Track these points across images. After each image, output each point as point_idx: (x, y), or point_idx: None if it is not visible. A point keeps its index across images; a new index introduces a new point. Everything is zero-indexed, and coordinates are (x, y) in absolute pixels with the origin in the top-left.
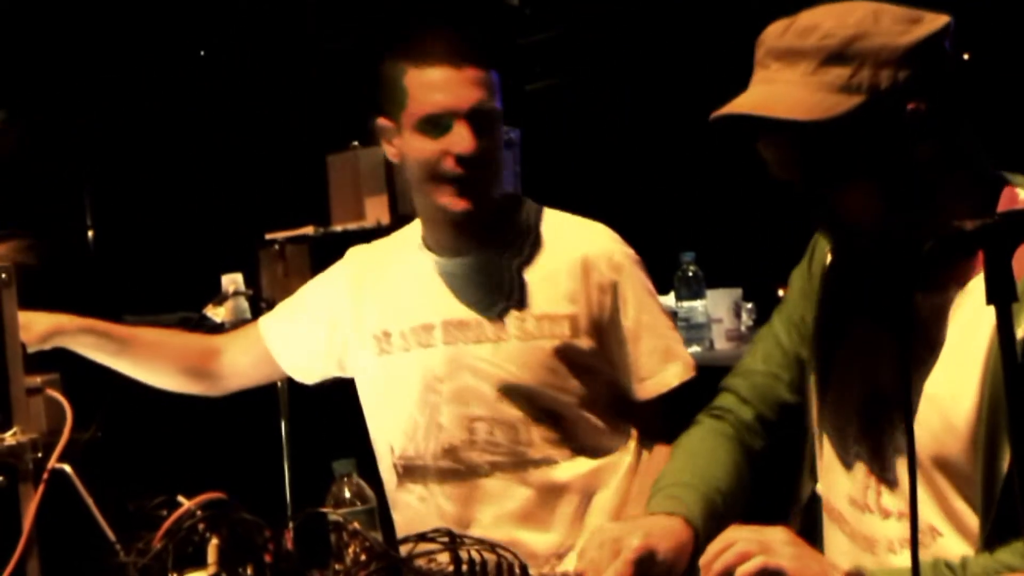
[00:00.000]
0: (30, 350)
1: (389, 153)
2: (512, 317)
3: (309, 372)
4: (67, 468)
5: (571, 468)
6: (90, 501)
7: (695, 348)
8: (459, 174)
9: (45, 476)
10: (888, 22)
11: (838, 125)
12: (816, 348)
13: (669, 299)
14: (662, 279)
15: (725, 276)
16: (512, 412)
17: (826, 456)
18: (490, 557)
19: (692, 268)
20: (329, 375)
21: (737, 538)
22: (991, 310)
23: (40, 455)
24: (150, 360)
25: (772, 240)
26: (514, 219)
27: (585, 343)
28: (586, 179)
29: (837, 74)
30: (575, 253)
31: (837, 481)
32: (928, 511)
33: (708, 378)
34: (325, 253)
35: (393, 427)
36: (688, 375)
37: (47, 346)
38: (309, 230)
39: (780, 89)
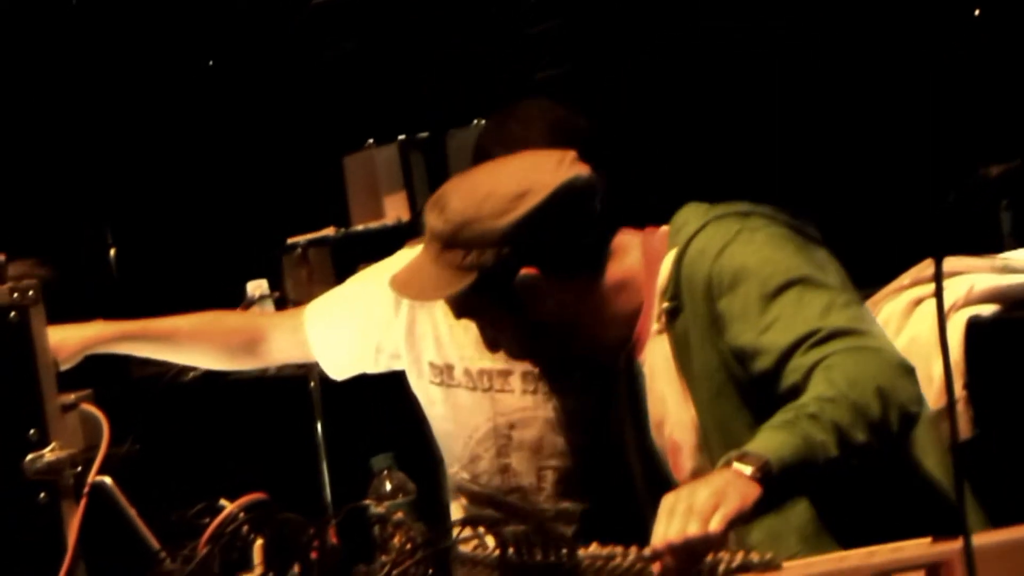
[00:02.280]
0: (63, 367)
1: None
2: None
3: (345, 371)
4: (107, 481)
5: None
6: (132, 512)
7: None
8: None
9: (86, 490)
10: (491, 206)
11: (466, 295)
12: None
13: None
14: None
15: None
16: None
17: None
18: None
19: None
20: (360, 371)
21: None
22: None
23: (79, 470)
24: (193, 350)
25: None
26: None
27: None
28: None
29: (455, 256)
30: None
31: None
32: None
33: None
34: (347, 253)
35: (451, 449)
36: None
37: (79, 360)
38: (330, 232)
39: (421, 268)
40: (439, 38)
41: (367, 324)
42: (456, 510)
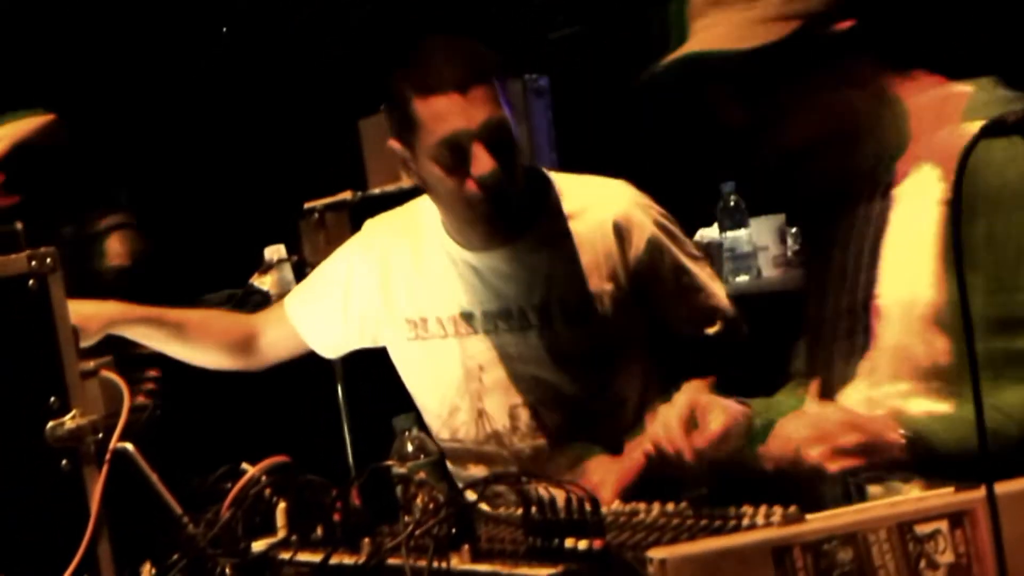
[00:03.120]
0: (84, 344)
1: (407, 177)
2: (554, 303)
3: (336, 349)
4: (129, 447)
5: (616, 424)
6: (154, 477)
7: (743, 277)
8: (482, 196)
9: (108, 457)
10: None
11: (773, 53)
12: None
13: (713, 231)
14: (704, 211)
15: (767, 203)
16: (554, 397)
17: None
18: (559, 494)
19: (733, 198)
20: (356, 347)
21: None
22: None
23: (101, 436)
24: (198, 343)
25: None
26: (541, 203)
27: (625, 317)
28: (618, 122)
29: (770, 3)
30: (605, 226)
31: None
32: (911, 398)
33: (757, 306)
34: (364, 217)
35: (430, 409)
36: (727, 319)
37: (101, 336)
38: (347, 195)
39: (719, 29)
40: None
41: (346, 296)
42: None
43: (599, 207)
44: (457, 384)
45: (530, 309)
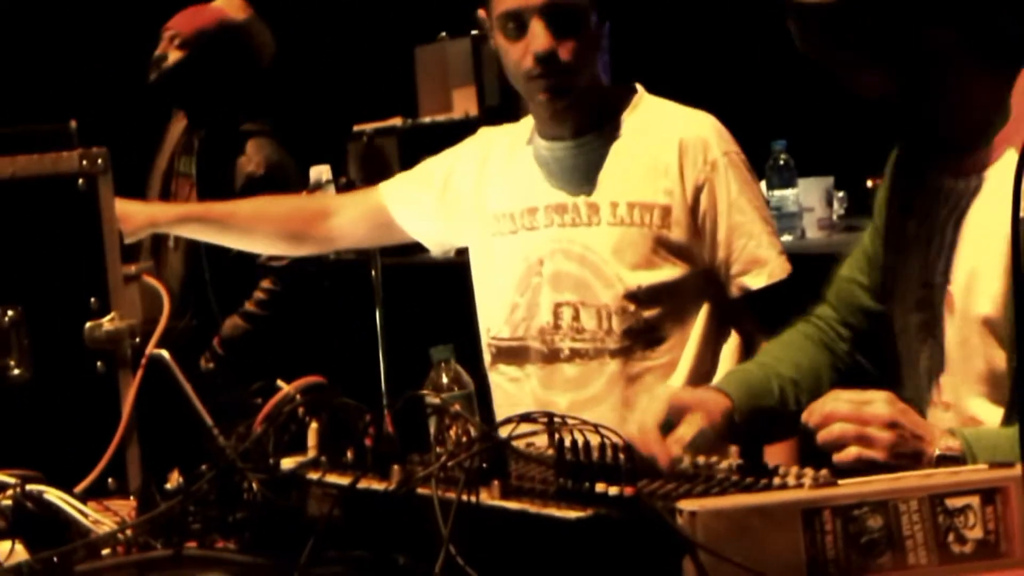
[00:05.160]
0: (127, 241)
1: (493, 46)
2: (607, 202)
3: (428, 236)
4: (165, 354)
5: (648, 360)
6: (188, 387)
7: (786, 237)
8: (540, 72)
9: (143, 361)
10: None
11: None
12: (883, 249)
13: (761, 187)
14: (754, 168)
15: (817, 165)
16: (598, 299)
17: (899, 354)
18: (593, 438)
19: (784, 157)
20: (450, 245)
21: (836, 415)
22: (1004, 198)
23: (138, 341)
24: (250, 231)
25: (864, 128)
26: (617, 106)
27: (677, 235)
28: (675, 68)
29: None
30: (672, 140)
31: (908, 377)
32: (969, 395)
33: (799, 267)
34: (413, 144)
35: (492, 308)
36: (778, 278)
37: (143, 235)
38: (397, 121)
39: None
40: None
41: (446, 184)
42: (497, 384)
43: (675, 125)
44: (518, 280)
45: (584, 206)
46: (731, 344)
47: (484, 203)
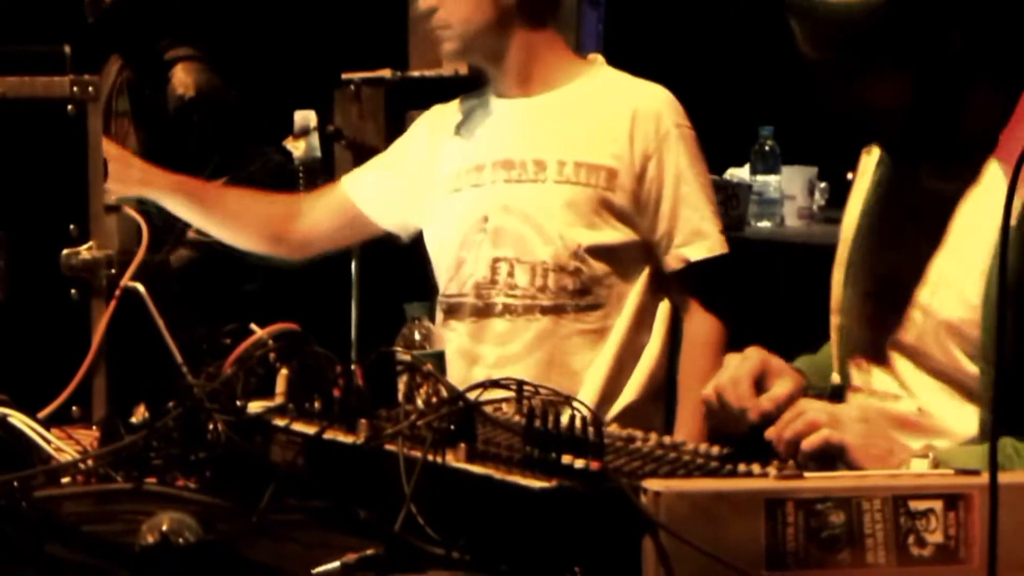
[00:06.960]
0: (116, 198)
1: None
2: (554, 160)
3: (394, 219)
4: (140, 287)
5: (580, 322)
6: (160, 322)
7: (765, 223)
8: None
9: (117, 292)
10: None
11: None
12: (852, 237)
13: (744, 172)
14: (739, 151)
15: (802, 154)
16: (535, 256)
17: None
18: (564, 409)
19: (770, 143)
20: (415, 228)
21: (807, 408)
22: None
23: (114, 272)
24: (233, 225)
25: (849, 128)
26: (576, 72)
27: (620, 200)
28: (665, 50)
29: None
30: (626, 108)
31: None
32: (922, 387)
33: (777, 255)
34: (401, 97)
35: (441, 266)
36: (715, 252)
37: (134, 194)
38: (386, 73)
39: None
40: None
41: (402, 158)
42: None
43: (631, 94)
44: (463, 236)
45: (531, 163)
46: (662, 315)
47: (439, 168)
